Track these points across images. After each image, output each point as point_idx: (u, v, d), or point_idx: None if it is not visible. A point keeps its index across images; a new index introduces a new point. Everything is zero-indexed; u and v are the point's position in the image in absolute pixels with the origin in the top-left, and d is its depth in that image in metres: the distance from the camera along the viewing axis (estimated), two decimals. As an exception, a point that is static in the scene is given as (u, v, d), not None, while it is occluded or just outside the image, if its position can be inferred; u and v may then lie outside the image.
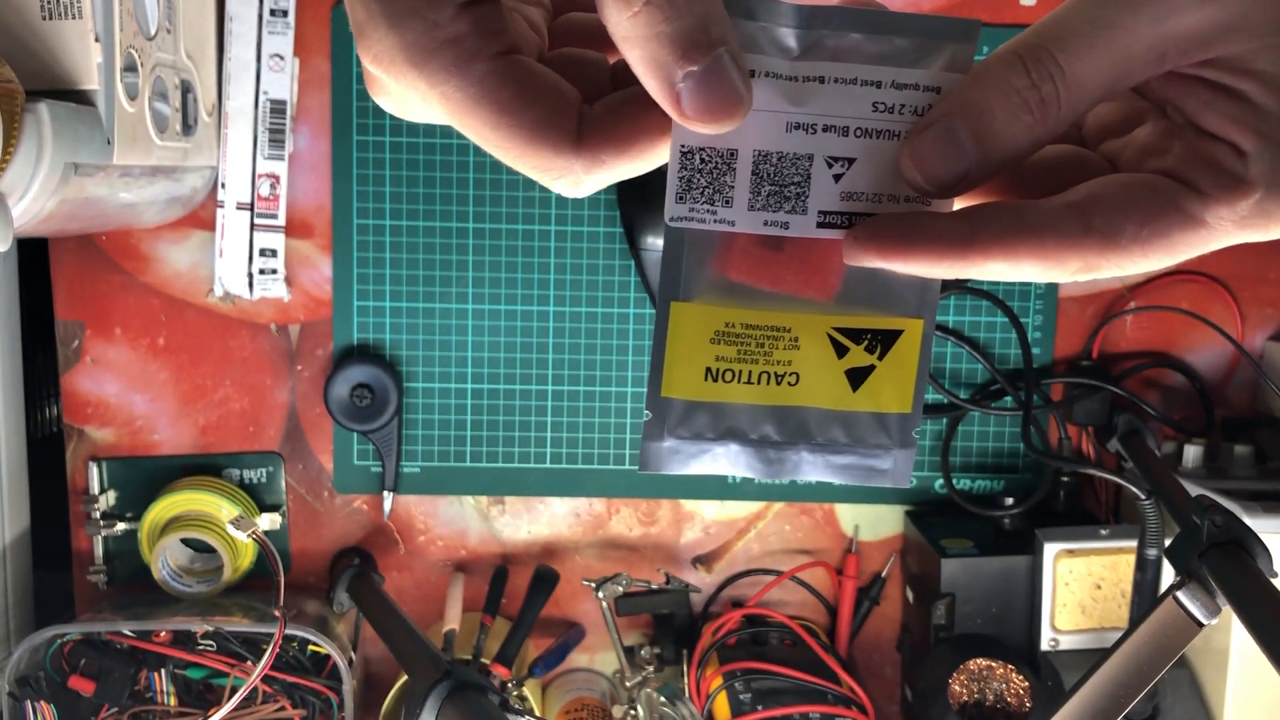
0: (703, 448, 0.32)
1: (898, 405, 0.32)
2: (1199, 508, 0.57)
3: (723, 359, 0.31)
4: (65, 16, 0.60)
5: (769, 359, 0.31)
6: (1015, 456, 0.85)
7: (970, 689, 0.75)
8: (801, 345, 0.31)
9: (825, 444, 0.32)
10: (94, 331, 0.82)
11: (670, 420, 0.32)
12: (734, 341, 0.31)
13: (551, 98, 0.28)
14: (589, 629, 0.88)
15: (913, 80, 0.30)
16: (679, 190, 0.30)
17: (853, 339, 0.32)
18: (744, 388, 0.32)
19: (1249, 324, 0.84)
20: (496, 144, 0.28)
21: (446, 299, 0.83)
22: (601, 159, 0.29)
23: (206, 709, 0.75)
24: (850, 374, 0.32)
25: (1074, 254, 0.28)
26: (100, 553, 0.83)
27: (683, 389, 0.32)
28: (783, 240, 0.31)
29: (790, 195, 0.30)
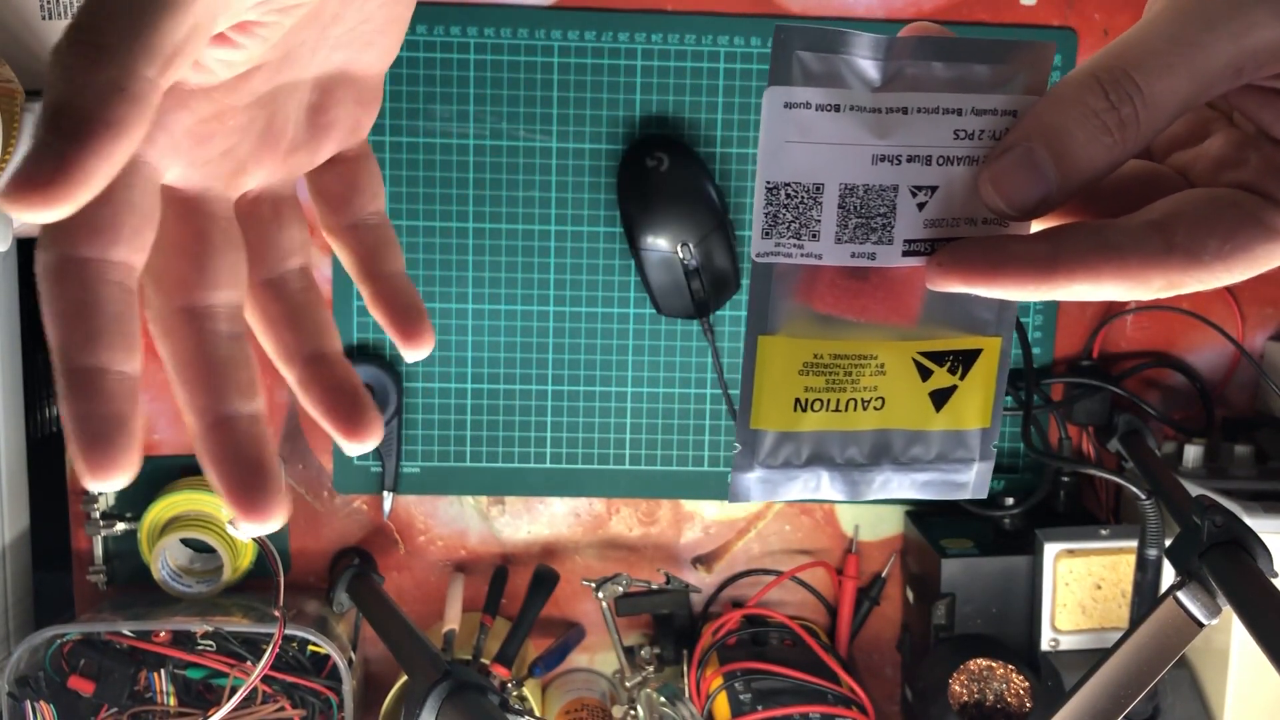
0: (790, 475, 0.33)
1: (978, 421, 0.33)
2: (1199, 508, 0.57)
3: (811, 389, 0.32)
4: (65, 16, 0.60)
5: (856, 386, 0.32)
6: (1015, 456, 0.85)
7: (970, 689, 0.75)
8: (888, 371, 0.32)
9: (909, 463, 0.33)
10: (94, 331, 0.82)
11: (760, 452, 0.32)
12: (822, 372, 0.32)
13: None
14: (589, 629, 0.88)
15: (991, 105, 0.30)
16: (765, 225, 0.30)
17: (936, 361, 0.32)
18: (831, 415, 0.32)
19: (1249, 324, 0.84)
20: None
21: (447, 299, 0.83)
22: None
23: (206, 709, 0.75)
24: (934, 395, 0.33)
25: (1158, 273, 0.28)
26: (100, 553, 0.83)
27: (771, 420, 0.32)
28: (868, 270, 0.31)
29: (877, 226, 0.30)
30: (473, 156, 0.81)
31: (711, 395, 0.84)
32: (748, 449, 0.32)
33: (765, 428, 0.32)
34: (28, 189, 0.22)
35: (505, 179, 0.82)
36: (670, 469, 0.85)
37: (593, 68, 0.80)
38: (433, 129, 0.81)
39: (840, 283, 0.31)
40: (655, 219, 0.79)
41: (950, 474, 0.33)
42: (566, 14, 0.80)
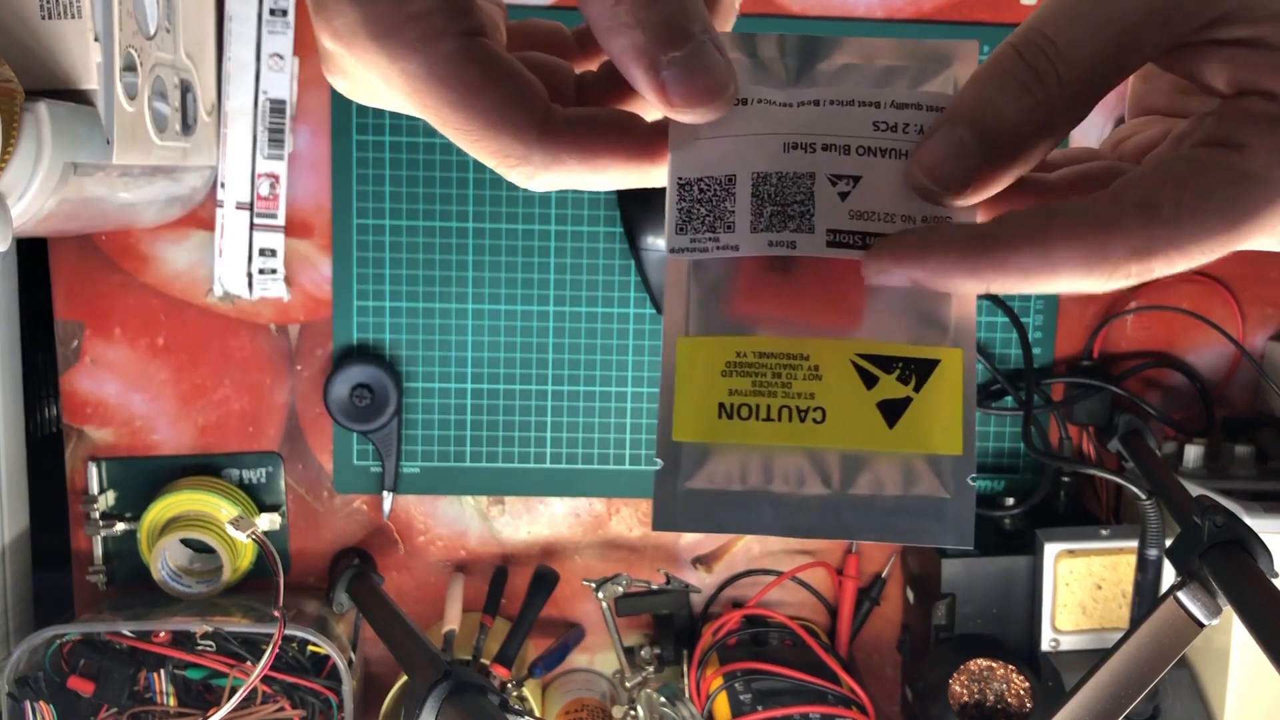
0: (724, 501, 0.29)
1: (946, 446, 0.28)
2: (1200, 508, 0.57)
3: (736, 393, 0.28)
4: (64, 16, 0.60)
5: (788, 391, 0.28)
6: (1016, 456, 0.85)
7: (971, 689, 0.75)
8: (824, 375, 0.28)
9: (869, 498, 0.28)
10: (93, 331, 0.82)
11: (685, 468, 0.29)
12: (747, 372, 0.29)
13: (518, 82, 0.28)
14: (589, 629, 0.88)
15: (913, 100, 0.29)
16: (678, 221, 0.29)
17: (881, 367, 0.28)
18: (763, 425, 0.28)
19: (1250, 324, 0.84)
20: (458, 124, 0.27)
21: (446, 299, 0.83)
22: (562, 158, 0.28)
23: (206, 709, 0.75)
24: (884, 407, 0.28)
25: (1114, 237, 0.26)
26: (99, 553, 0.83)
27: (695, 430, 0.29)
28: (793, 264, 0.29)
29: (794, 214, 0.29)
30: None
31: (711, 395, 0.84)
32: (670, 465, 0.28)
33: (688, 439, 0.28)
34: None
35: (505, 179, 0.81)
36: (670, 469, 0.85)
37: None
38: (433, 129, 0.81)
39: (763, 276, 0.29)
40: (655, 219, 0.79)
41: (922, 513, 0.28)
42: (567, 14, 0.80)
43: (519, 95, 0.27)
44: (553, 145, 0.28)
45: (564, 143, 0.28)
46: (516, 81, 0.27)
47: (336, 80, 0.30)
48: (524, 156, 0.28)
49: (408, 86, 0.27)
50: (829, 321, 0.29)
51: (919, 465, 0.28)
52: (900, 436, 0.28)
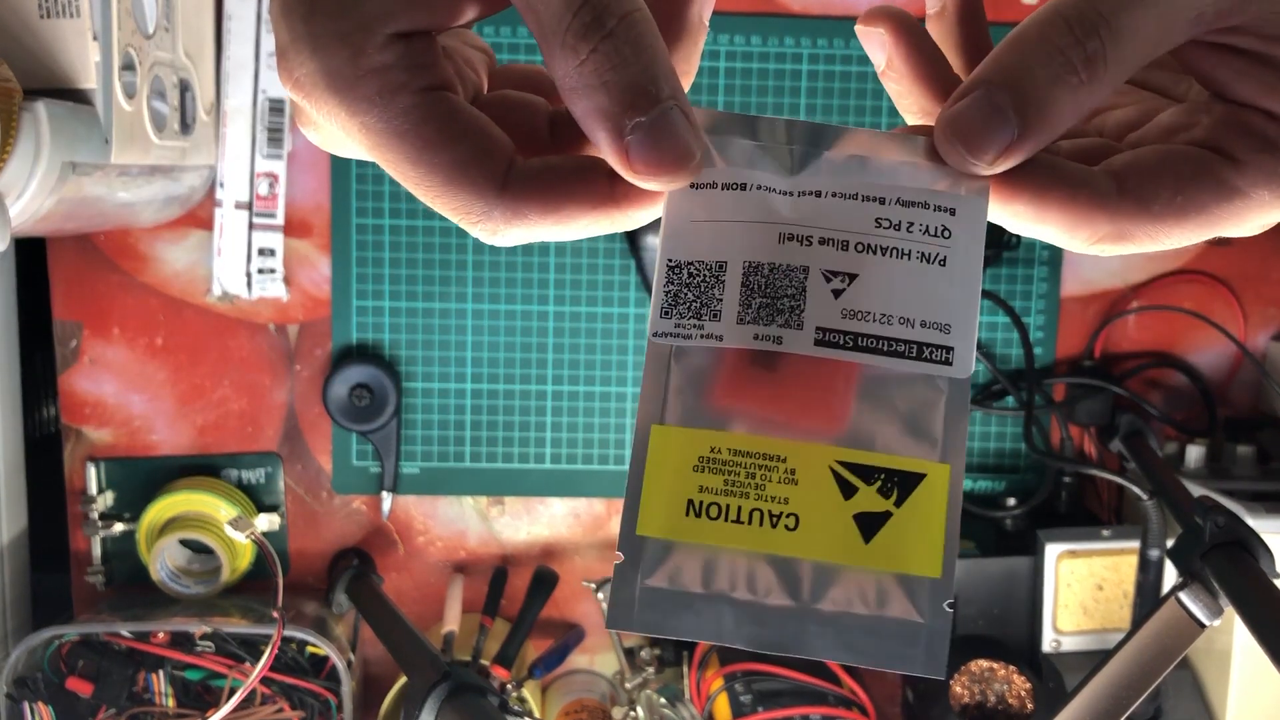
0: (684, 603, 0.27)
1: (924, 567, 0.27)
2: (1201, 508, 0.57)
3: (707, 490, 0.27)
4: (63, 15, 0.59)
5: (761, 494, 0.27)
6: (1017, 457, 0.85)
7: (972, 690, 0.75)
8: (800, 479, 0.27)
9: (837, 614, 0.27)
10: (92, 331, 0.82)
11: (645, 564, 0.27)
12: (720, 470, 0.27)
13: (479, 138, 0.27)
14: (589, 630, 0.87)
15: (920, 199, 0.28)
16: (664, 305, 0.28)
17: (861, 477, 0.27)
18: (732, 528, 0.27)
19: (1251, 324, 0.84)
20: (417, 180, 0.27)
21: (446, 299, 0.82)
22: (524, 213, 0.27)
23: (205, 710, 0.74)
24: (860, 520, 0.27)
25: (1104, 214, 0.27)
26: (98, 553, 0.83)
27: (660, 526, 0.27)
28: (778, 360, 0.28)
29: (784, 308, 0.28)
30: (472, 156, 0.81)
31: (712, 395, 0.84)
32: (631, 560, 0.27)
33: (653, 534, 0.27)
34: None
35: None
36: (670, 469, 0.85)
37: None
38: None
39: (746, 371, 0.28)
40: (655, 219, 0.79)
41: (891, 638, 0.27)
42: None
43: (479, 152, 0.27)
44: (514, 201, 0.27)
45: (525, 198, 0.27)
46: (476, 138, 0.27)
47: (306, 131, 0.29)
48: (485, 213, 0.27)
49: (367, 141, 0.27)
50: (811, 423, 0.28)
51: (893, 585, 0.27)
52: (875, 553, 0.27)
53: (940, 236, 0.28)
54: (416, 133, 0.26)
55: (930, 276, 0.28)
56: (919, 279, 0.28)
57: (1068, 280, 0.84)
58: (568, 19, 0.25)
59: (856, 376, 0.28)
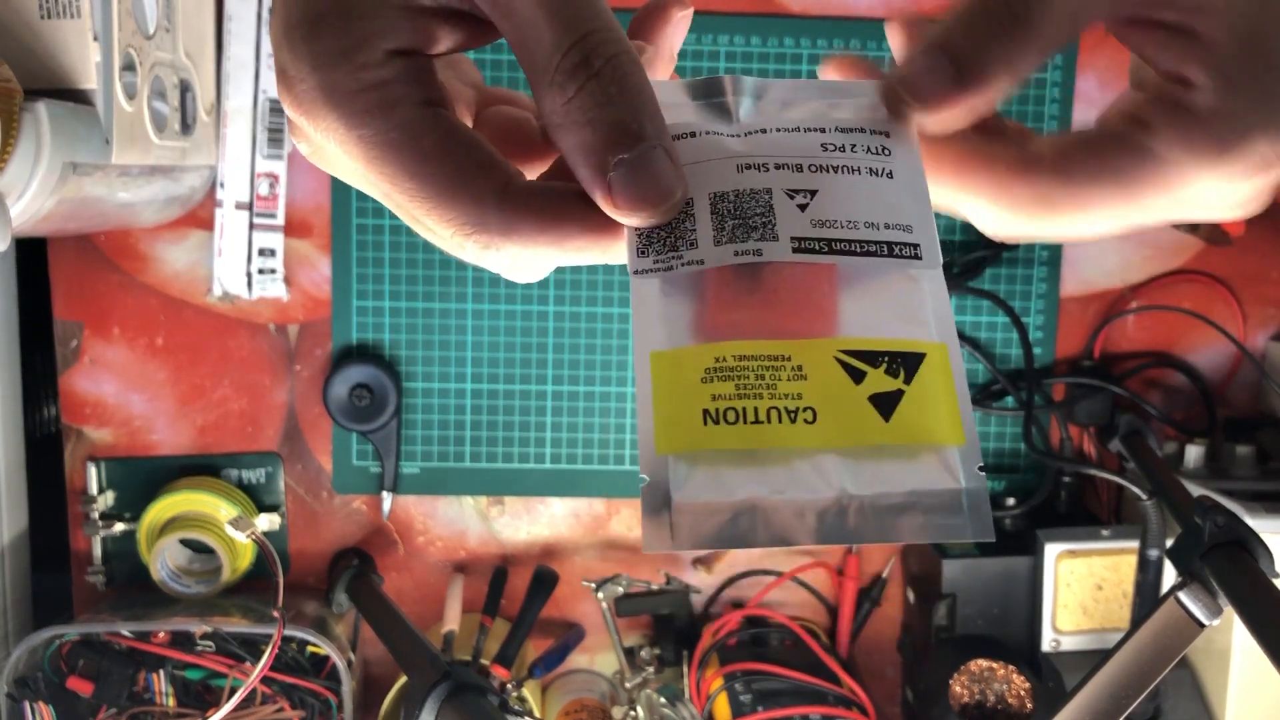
0: (717, 512, 0.26)
1: (947, 436, 0.27)
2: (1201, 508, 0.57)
3: (720, 397, 0.27)
4: (64, 16, 0.60)
5: (774, 393, 0.27)
6: (1017, 457, 0.85)
7: (971, 690, 0.75)
8: (809, 374, 0.27)
9: (874, 498, 0.26)
10: (92, 331, 0.82)
11: (673, 481, 0.26)
12: (729, 376, 0.27)
13: (477, 151, 0.27)
14: (589, 630, 0.87)
15: (857, 124, 0.30)
16: (640, 246, 0.29)
17: (867, 361, 0.27)
18: (753, 429, 0.26)
19: (1251, 324, 0.84)
20: (413, 191, 0.27)
21: (446, 299, 0.83)
22: (519, 228, 0.27)
23: (205, 710, 0.74)
24: (876, 401, 0.27)
25: (1025, 181, 0.29)
26: (99, 553, 0.83)
27: (681, 440, 0.27)
28: (760, 276, 0.28)
29: (757, 225, 0.28)
30: (472, 156, 0.81)
31: (712, 395, 0.84)
32: (657, 483, 0.26)
33: (674, 450, 0.27)
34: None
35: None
36: (670, 469, 0.85)
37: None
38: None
39: (732, 287, 0.28)
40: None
41: (933, 509, 0.26)
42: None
43: (477, 163, 0.27)
44: (510, 214, 0.27)
45: (522, 213, 0.27)
46: (475, 151, 0.27)
47: (302, 146, 0.30)
48: (480, 225, 0.27)
49: (364, 154, 0.27)
50: (804, 326, 0.28)
51: (922, 459, 0.26)
52: (898, 429, 0.27)
53: (882, 154, 0.30)
54: (415, 145, 0.27)
55: (882, 187, 0.30)
56: (872, 190, 0.29)
57: (1067, 280, 0.84)
58: (556, 58, 0.26)
59: (838, 277, 0.29)
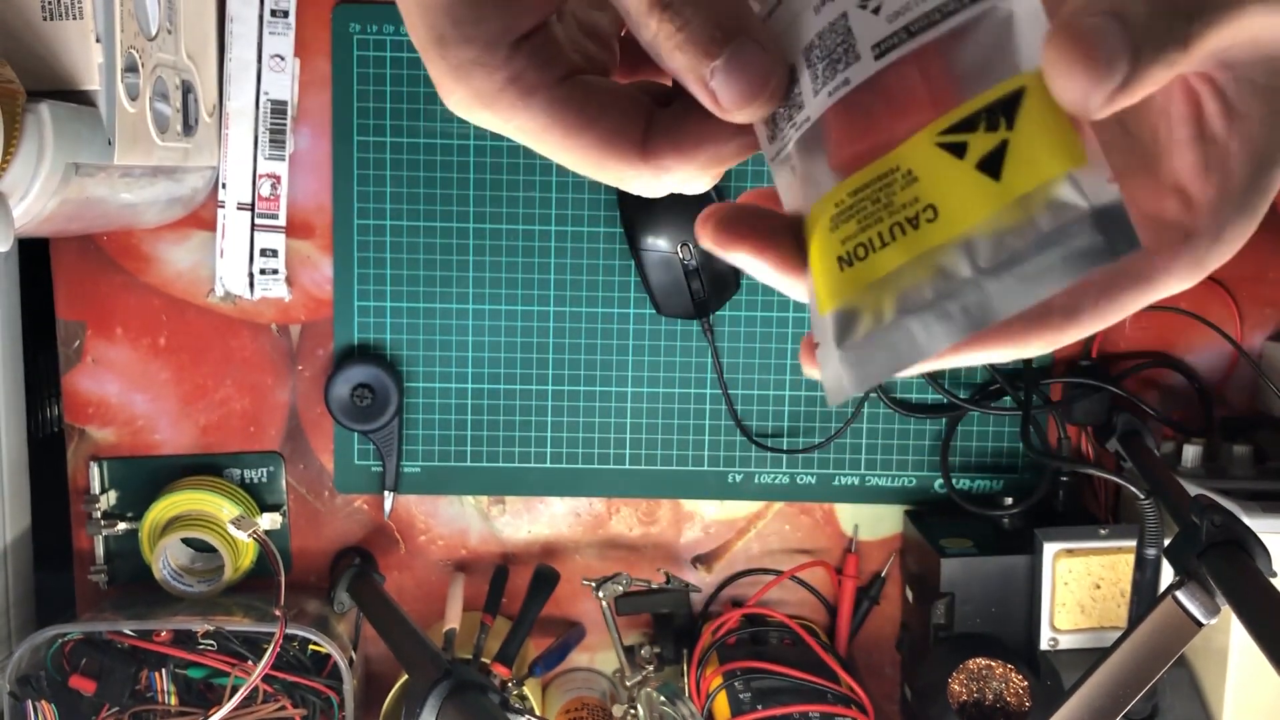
0: (881, 342, 0.26)
1: (1065, 163, 0.25)
2: (1198, 507, 0.58)
3: (848, 240, 0.27)
4: (66, 17, 0.60)
5: (892, 209, 0.26)
6: (1014, 456, 0.86)
7: (969, 688, 0.75)
8: (918, 175, 0.26)
9: (1009, 256, 0.25)
10: (95, 331, 0.82)
11: (836, 334, 0.27)
12: (849, 215, 0.27)
13: (614, 113, 0.30)
14: (589, 628, 0.88)
15: None
16: (768, 132, 0.30)
17: (964, 130, 0.26)
18: (885, 253, 0.26)
19: (1248, 324, 0.84)
20: (571, 161, 0.31)
21: (447, 299, 0.83)
22: (667, 165, 0.31)
23: (207, 708, 0.75)
24: (984, 165, 0.25)
25: (1037, 336, 0.29)
26: (101, 552, 0.83)
27: (832, 295, 0.28)
28: (860, 97, 0.28)
29: (839, 55, 0.28)
30: (473, 157, 0.81)
31: (711, 395, 0.84)
32: (824, 340, 0.28)
33: (830, 308, 0.27)
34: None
35: (505, 179, 0.82)
36: (670, 469, 0.85)
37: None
38: (433, 129, 0.81)
39: (843, 122, 0.28)
40: (655, 219, 0.79)
41: (1072, 240, 0.24)
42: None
43: (616, 126, 0.30)
44: (656, 159, 0.30)
45: (663, 151, 0.30)
46: (612, 114, 0.30)
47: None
48: (635, 175, 0.31)
49: (523, 138, 0.30)
50: (905, 126, 0.27)
51: (1045, 198, 0.25)
52: (1011, 182, 0.25)
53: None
54: (560, 124, 0.30)
55: None
56: None
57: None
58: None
59: (927, 56, 0.27)
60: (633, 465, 0.85)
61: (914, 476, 0.86)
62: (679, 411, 0.84)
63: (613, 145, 0.30)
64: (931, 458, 0.85)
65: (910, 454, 0.85)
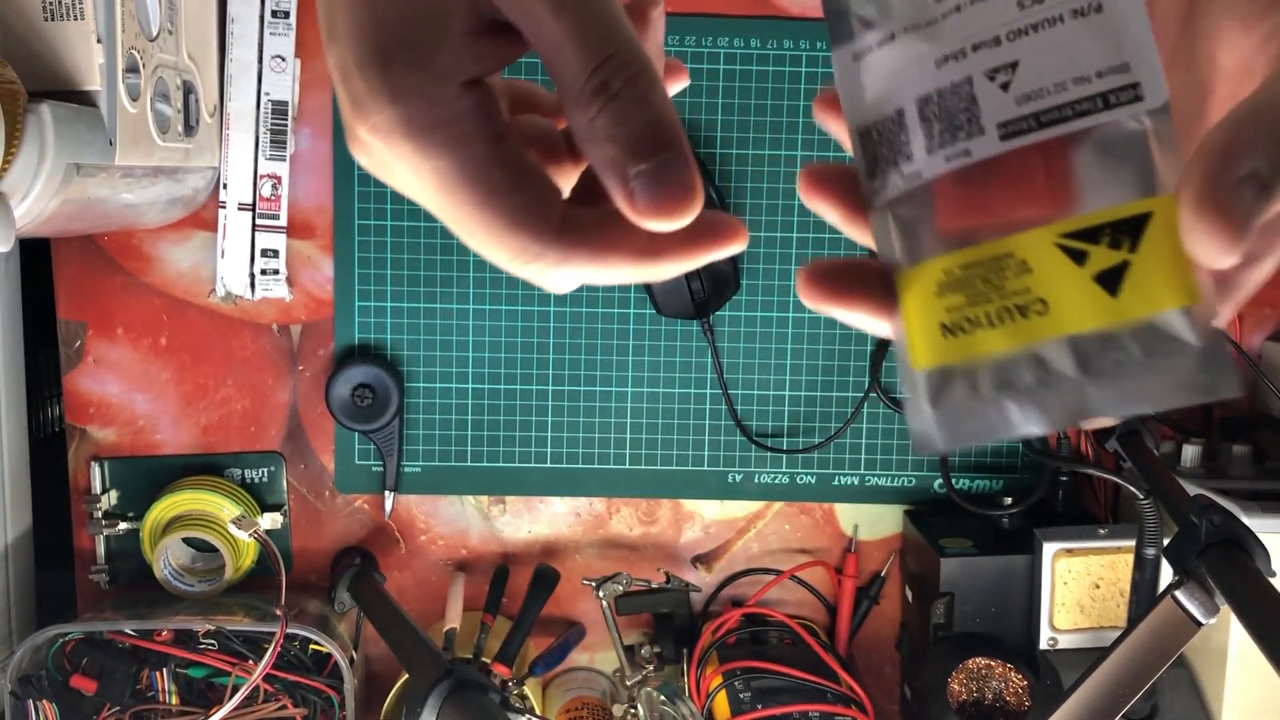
0: (973, 412, 0.29)
1: (1180, 298, 0.26)
2: (1197, 507, 0.58)
3: (954, 309, 0.28)
4: (67, 17, 0.60)
5: (1002, 293, 0.28)
6: (1014, 456, 0.86)
7: (969, 688, 0.75)
8: (1033, 267, 0.27)
9: (1114, 369, 0.27)
10: (96, 332, 0.83)
11: (929, 393, 0.29)
12: (958, 288, 0.28)
13: (539, 186, 0.29)
14: (589, 628, 0.88)
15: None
16: (867, 169, 0.30)
17: (1088, 240, 0.27)
18: (990, 332, 0.28)
19: (1247, 324, 0.85)
20: (478, 223, 0.29)
21: (447, 299, 0.83)
22: (572, 258, 0.29)
23: (208, 708, 0.75)
24: (1101, 279, 0.27)
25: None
26: (102, 552, 0.84)
27: (928, 355, 0.29)
28: (977, 171, 0.28)
29: (961, 123, 0.28)
30: (473, 157, 0.81)
31: (711, 395, 0.84)
32: (913, 394, 0.30)
33: (924, 366, 0.29)
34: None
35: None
36: (670, 469, 0.85)
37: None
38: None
39: (954, 190, 0.29)
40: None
41: (1172, 372, 0.26)
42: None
43: (540, 199, 0.29)
44: (566, 247, 0.29)
45: (576, 244, 0.29)
46: (538, 186, 0.29)
47: (360, 157, 0.31)
48: (539, 255, 0.29)
49: (436, 183, 0.29)
50: (1025, 215, 0.28)
51: (1157, 325, 0.26)
52: (1127, 303, 0.26)
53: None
54: (485, 180, 0.28)
55: (1090, 27, 0.27)
56: (1079, 34, 0.27)
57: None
58: (580, 81, 0.28)
59: (1052, 149, 0.28)
60: (633, 465, 0.85)
61: (913, 476, 0.86)
62: (679, 411, 0.85)
63: (527, 220, 0.29)
64: (931, 458, 0.86)
65: (910, 454, 0.85)
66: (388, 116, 0.28)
